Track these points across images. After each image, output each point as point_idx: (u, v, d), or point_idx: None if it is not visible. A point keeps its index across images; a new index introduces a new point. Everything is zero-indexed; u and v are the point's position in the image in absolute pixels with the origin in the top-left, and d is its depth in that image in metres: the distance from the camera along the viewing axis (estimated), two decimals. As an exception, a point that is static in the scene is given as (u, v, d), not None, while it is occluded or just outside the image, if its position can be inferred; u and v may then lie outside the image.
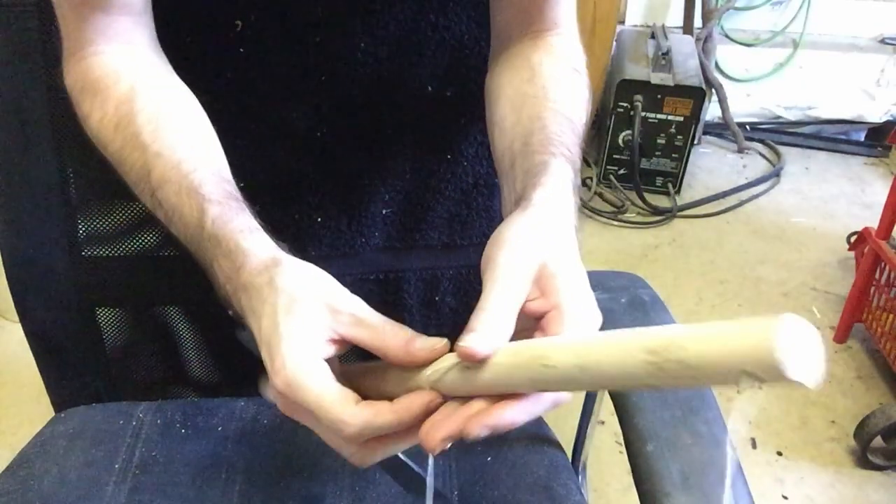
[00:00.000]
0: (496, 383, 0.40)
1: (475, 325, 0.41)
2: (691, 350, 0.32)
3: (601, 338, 0.37)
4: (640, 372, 0.34)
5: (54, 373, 0.76)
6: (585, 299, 0.44)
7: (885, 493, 1.35)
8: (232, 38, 0.61)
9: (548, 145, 0.51)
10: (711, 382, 0.33)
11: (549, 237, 0.45)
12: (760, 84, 2.50)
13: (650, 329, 0.35)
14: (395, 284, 0.75)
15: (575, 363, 0.37)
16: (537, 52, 0.58)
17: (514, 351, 0.40)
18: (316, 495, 0.66)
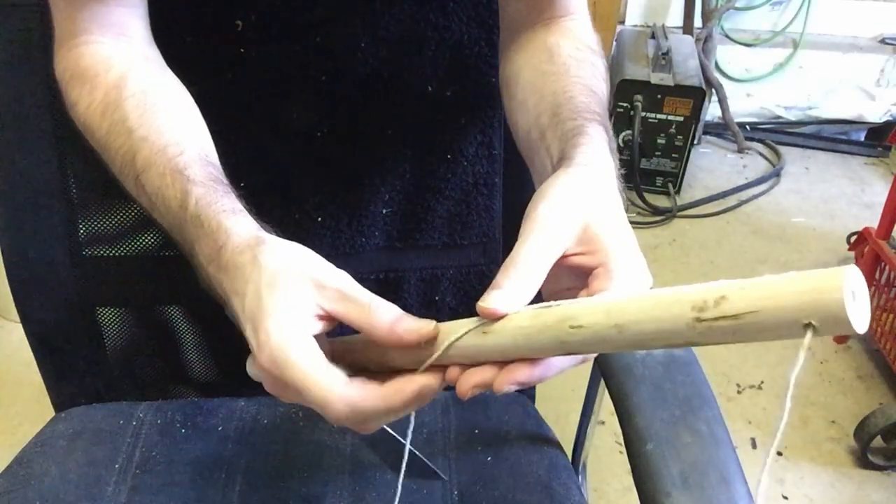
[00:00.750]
0: (517, 347, 0.39)
1: (502, 282, 0.40)
2: (745, 303, 0.31)
3: (638, 297, 0.36)
4: (685, 329, 0.33)
5: (54, 373, 0.76)
6: (634, 259, 0.42)
7: (885, 493, 1.35)
8: (232, 38, 0.61)
9: (581, 112, 0.51)
10: (764, 338, 0.32)
11: (593, 195, 0.44)
12: (760, 84, 2.50)
13: (690, 287, 0.34)
14: (395, 284, 0.75)
15: (611, 323, 0.36)
16: (553, 34, 0.58)
17: (535, 314, 0.39)
18: (316, 495, 0.66)
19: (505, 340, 0.40)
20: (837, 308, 0.29)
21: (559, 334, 0.38)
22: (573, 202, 0.43)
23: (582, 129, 0.49)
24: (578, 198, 0.43)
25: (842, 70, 2.45)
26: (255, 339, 0.41)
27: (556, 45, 0.57)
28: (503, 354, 0.40)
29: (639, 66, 2.13)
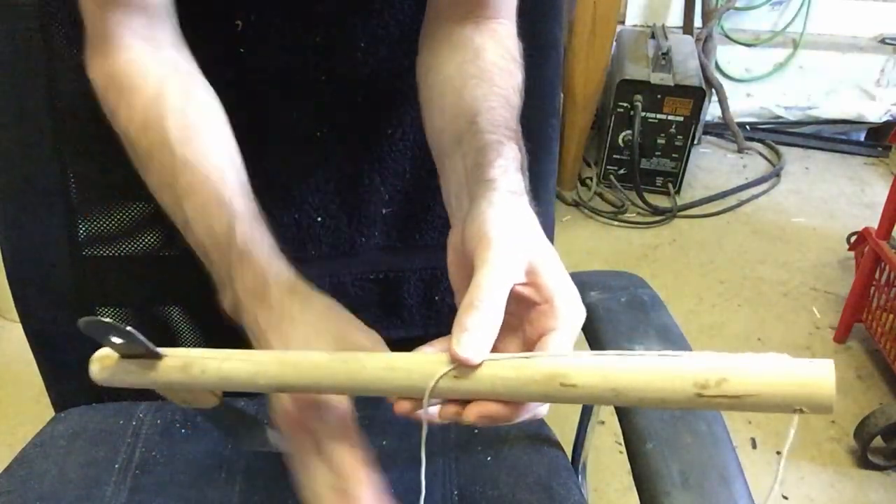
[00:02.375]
0: (496, 395, 0.40)
1: (468, 323, 0.40)
2: (745, 387, 0.35)
3: (637, 363, 0.37)
4: (685, 401, 0.36)
5: (54, 373, 0.76)
6: (574, 296, 0.44)
7: (885, 493, 1.35)
8: (232, 38, 0.62)
9: (499, 127, 0.51)
10: (755, 411, 0.36)
11: (530, 226, 0.45)
12: (760, 84, 2.50)
13: (691, 358, 0.36)
14: (395, 284, 0.75)
15: (608, 387, 0.37)
16: (480, 35, 0.58)
17: (516, 365, 0.39)
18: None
19: (482, 388, 0.40)
20: (828, 401, 0.34)
21: (548, 390, 0.38)
22: (519, 233, 0.44)
23: (499, 148, 0.49)
24: (521, 229, 0.44)
25: (842, 70, 2.45)
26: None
27: (483, 47, 0.57)
28: (477, 397, 0.41)
29: (639, 66, 2.13)
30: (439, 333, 0.75)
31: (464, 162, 0.51)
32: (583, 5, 1.95)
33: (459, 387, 0.40)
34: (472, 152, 0.50)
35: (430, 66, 0.59)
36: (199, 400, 0.50)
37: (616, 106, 2.11)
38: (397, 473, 0.68)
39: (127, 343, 0.44)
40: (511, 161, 0.49)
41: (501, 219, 0.44)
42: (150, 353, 0.45)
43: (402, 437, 0.72)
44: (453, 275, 0.49)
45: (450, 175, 0.53)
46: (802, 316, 1.78)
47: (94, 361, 0.47)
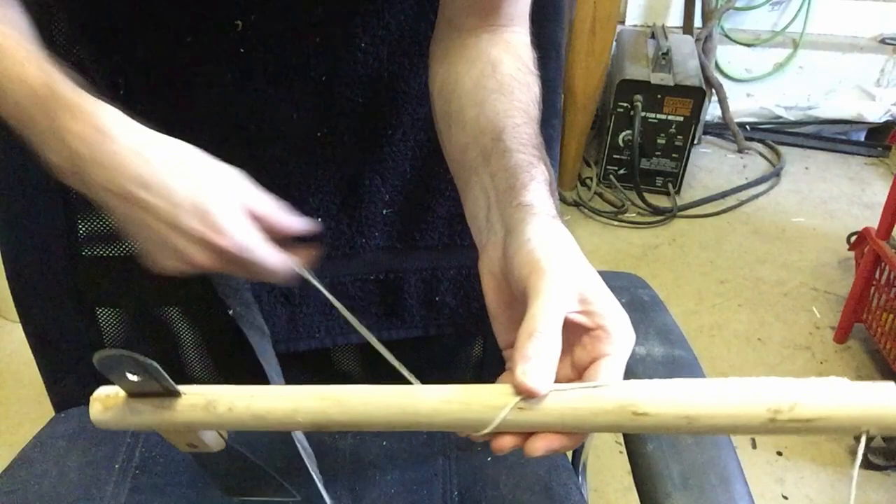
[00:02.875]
0: (564, 426, 0.40)
1: (531, 353, 0.39)
2: (817, 411, 0.36)
3: (707, 389, 0.38)
4: (757, 426, 0.37)
5: (54, 373, 0.76)
6: (626, 321, 0.43)
7: (885, 493, 1.35)
8: (232, 38, 0.61)
9: (527, 146, 0.51)
10: (820, 434, 0.38)
11: (577, 253, 0.45)
12: (760, 84, 2.50)
13: (763, 386, 0.38)
14: (396, 284, 0.75)
15: (682, 414, 0.38)
16: (495, 47, 0.57)
17: (584, 397, 0.39)
18: (316, 495, 0.66)
19: (550, 419, 0.39)
20: (894, 423, 0.36)
21: (620, 420, 0.39)
22: (568, 260, 0.43)
23: (531, 170, 0.49)
24: (569, 255, 0.44)
25: (842, 70, 2.45)
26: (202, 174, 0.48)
27: (499, 60, 0.56)
28: (543, 429, 0.40)
29: (639, 66, 2.13)
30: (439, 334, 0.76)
31: (493, 182, 0.50)
32: (583, 5, 1.95)
33: (526, 419, 0.39)
34: (501, 172, 0.49)
35: (445, 79, 0.58)
36: (205, 443, 0.46)
37: (616, 106, 2.11)
38: (397, 473, 0.68)
39: (143, 380, 0.40)
40: (543, 184, 0.49)
41: (550, 246, 0.44)
42: (167, 390, 0.41)
43: (402, 437, 0.72)
44: (492, 302, 0.48)
45: (477, 194, 0.52)
46: (802, 316, 1.78)
47: (96, 401, 0.43)
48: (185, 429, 0.44)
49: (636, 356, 0.61)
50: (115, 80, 0.62)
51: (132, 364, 0.39)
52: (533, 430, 0.40)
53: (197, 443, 0.46)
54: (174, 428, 0.43)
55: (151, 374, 0.40)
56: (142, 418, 0.42)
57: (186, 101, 0.64)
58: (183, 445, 0.46)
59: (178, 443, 0.46)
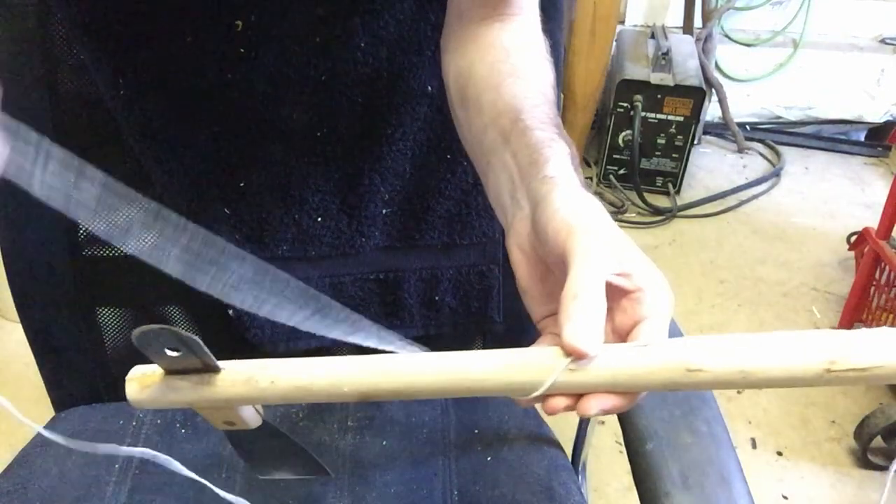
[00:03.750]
0: (616, 385, 0.39)
1: (576, 314, 0.38)
2: (873, 362, 0.36)
3: (762, 341, 0.38)
4: (813, 377, 0.37)
5: (54, 373, 0.76)
6: (665, 284, 0.43)
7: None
8: (232, 38, 0.61)
9: (547, 124, 0.51)
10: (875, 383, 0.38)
11: (610, 219, 0.44)
12: (760, 84, 2.50)
13: (815, 337, 0.37)
14: (395, 284, 0.75)
15: (735, 369, 0.37)
16: (507, 34, 0.57)
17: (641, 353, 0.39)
18: (316, 495, 0.66)
19: (602, 379, 0.39)
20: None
21: (674, 376, 0.38)
22: (603, 223, 0.43)
23: (552, 144, 0.49)
24: (604, 219, 0.43)
25: (842, 70, 2.45)
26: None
27: (512, 46, 0.56)
28: (595, 390, 0.40)
29: (639, 66, 2.13)
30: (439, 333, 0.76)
31: (515, 160, 0.50)
32: (583, 5, 1.95)
33: (577, 380, 0.39)
34: (523, 149, 0.49)
35: (459, 68, 0.58)
36: (244, 420, 0.45)
37: (616, 106, 2.11)
38: (397, 473, 0.68)
39: (182, 356, 0.39)
40: (567, 157, 0.48)
41: (582, 210, 0.43)
42: (207, 366, 0.40)
43: (402, 437, 0.72)
44: (523, 277, 0.48)
45: (500, 174, 0.51)
46: (802, 316, 1.78)
47: (132, 381, 0.42)
48: (226, 405, 0.42)
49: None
50: (115, 80, 0.63)
51: (172, 339, 0.38)
52: (584, 392, 0.40)
53: (235, 420, 0.45)
54: (214, 405, 0.42)
55: (192, 350, 0.39)
56: (181, 395, 0.41)
57: (186, 100, 0.64)
58: (220, 423, 0.45)
59: (215, 420, 0.45)
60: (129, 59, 0.62)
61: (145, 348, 0.39)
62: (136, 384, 0.42)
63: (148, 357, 0.40)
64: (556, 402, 0.40)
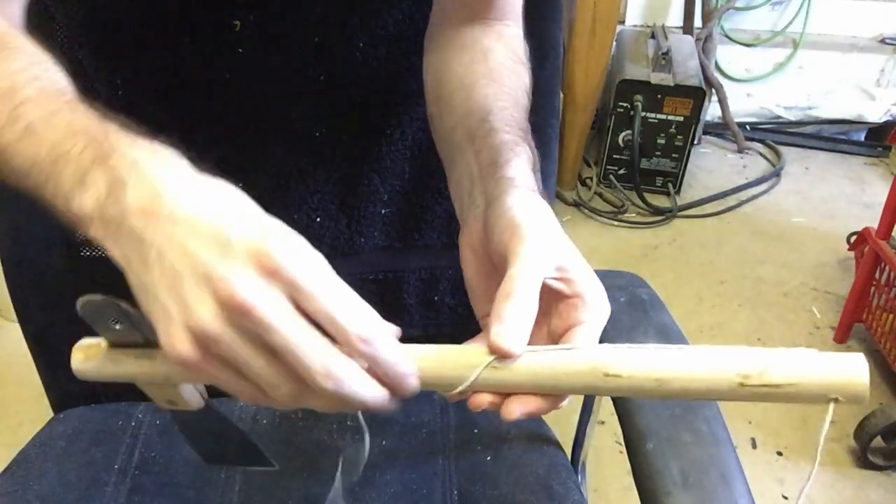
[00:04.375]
0: (536, 386, 0.40)
1: (506, 314, 0.40)
2: (786, 377, 0.37)
3: (679, 354, 0.39)
4: (726, 390, 0.38)
5: (53, 373, 0.76)
6: (602, 292, 0.44)
7: (885, 493, 1.35)
8: (231, 38, 0.61)
9: (513, 127, 0.51)
10: (792, 402, 0.38)
11: (556, 224, 0.45)
12: (760, 84, 2.50)
13: (733, 353, 0.38)
14: (395, 284, 0.75)
15: (653, 377, 0.39)
16: (488, 36, 0.58)
17: (562, 356, 0.40)
18: (316, 495, 0.66)
19: (523, 380, 0.40)
20: (862, 392, 0.37)
21: (592, 381, 0.39)
22: (549, 228, 0.44)
23: (514, 148, 0.50)
24: (550, 225, 0.45)
25: (842, 70, 2.45)
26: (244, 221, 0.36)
27: (491, 48, 0.57)
28: (517, 390, 0.41)
29: (639, 66, 2.13)
30: (439, 334, 0.76)
31: (477, 159, 0.51)
32: (583, 5, 1.95)
33: (499, 378, 0.40)
34: (486, 149, 0.50)
35: (437, 66, 0.59)
36: (185, 400, 0.46)
37: (616, 106, 2.11)
38: (397, 473, 0.68)
39: (126, 329, 0.40)
40: (526, 161, 0.49)
41: (530, 214, 0.44)
42: (149, 341, 0.40)
43: (402, 437, 0.72)
44: (470, 274, 0.49)
45: (462, 172, 0.52)
46: (802, 316, 1.78)
47: (77, 351, 0.43)
48: (164, 381, 0.43)
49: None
50: (114, 81, 0.63)
51: (115, 312, 0.39)
52: (508, 391, 0.41)
53: (176, 399, 0.45)
54: (154, 380, 0.43)
55: (134, 324, 0.39)
56: (122, 368, 0.42)
57: (185, 101, 0.64)
58: (163, 402, 0.46)
59: (158, 399, 0.46)
60: (128, 60, 0.62)
61: (89, 319, 0.39)
62: (80, 354, 0.43)
63: (94, 329, 0.40)
64: (481, 399, 0.41)
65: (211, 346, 0.35)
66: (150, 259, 0.36)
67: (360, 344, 0.36)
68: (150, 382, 0.44)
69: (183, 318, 0.35)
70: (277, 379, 0.36)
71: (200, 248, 0.35)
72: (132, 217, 0.36)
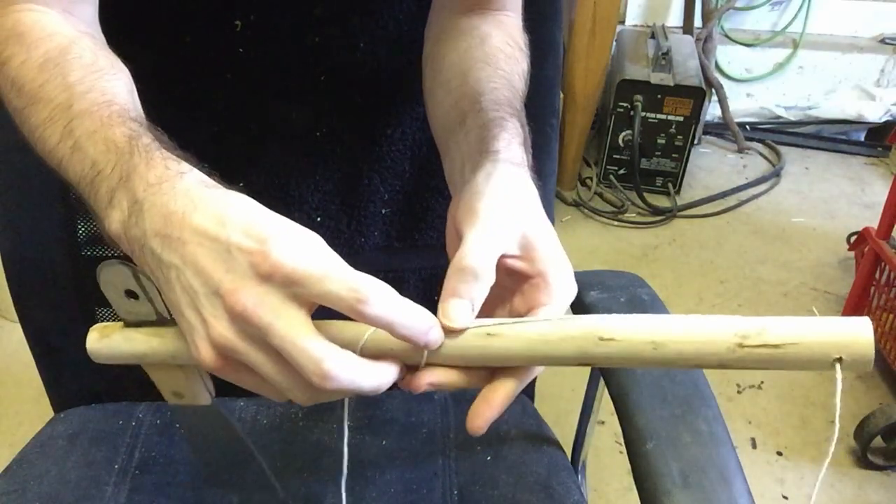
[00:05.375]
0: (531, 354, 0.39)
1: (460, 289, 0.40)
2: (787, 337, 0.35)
3: (676, 317, 0.38)
4: (726, 353, 0.36)
5: (53, 373, 0.76)
6: (568, 272, 0.43)
7: (885, 493, 1.35)
8: (232, 38, 0.62)
9: (503, 105, 0.52)
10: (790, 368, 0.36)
11: (526, 197, 0.45)
12: (760, 84, 2.50)
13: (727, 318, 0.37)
14: (395, 284, 0.74)
15: (650, 340, 0.37)
16: (486, 24, 0.58)
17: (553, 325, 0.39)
18: (316, 495, 0.66)
19: (517, 346, 0.39)
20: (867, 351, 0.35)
21: (585, 346, 0.38)
22: (512, 203, 0.44)
23: (503, 123, 0.50)
24: (515, 198, 0.44)
25: (842, 70, 2.45)
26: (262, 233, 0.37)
27: (488, 34, 0.57)
28: (507, 360, 0.40)
29: (639, 66, 2.13)
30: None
31: (467, 138, 0.51)
32: (583, 5, 1.95)
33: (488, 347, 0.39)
34: (475, 129, 0.50)
35: (435, 54, 0.59)
36: (192, 394, 0.46)
37: (616, 106, 2.11)
38: (397, 473, 0.68)
39: (140, 302, 0.41)
40: (514, 136, 0.49)
41: (495, 190, 0.44)
42: (161, 317, 0.42)
43: (402, 437, 0.72)
44: (449, 247, 0.49)
45: (454, 154, 0.53)
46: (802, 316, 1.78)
47: (93, 331, 0.44)
48: (173, 360, 0.43)
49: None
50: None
51: (132, 279, 0.40)
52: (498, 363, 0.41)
53: (183, 390, 0.46)
54: (163, 358, 0.43)
55: (149, 296, 0.40)
56: (134, 346, 0.43)
57: (186, 100, 0.64)
58: (169, 394, 0.46)
59: (165, 389, 0.46)
60: (127, 60, 0.62)
61: (105, 284, 0.40)
62: (96, 333, 0.44)
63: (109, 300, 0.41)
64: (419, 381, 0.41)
65: (230, 355, 0.38)
66: (171, 279, 0.38)
67: (361, 307, 0.36)
68: (160, 364, 0.44)
69: (204, 331, 0.37)
70: (288, 382, 0.38)
71: (209, 265, 0.37)
72: (151, 240, 0.38)
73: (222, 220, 0.37)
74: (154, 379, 0.46)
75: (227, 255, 0.36)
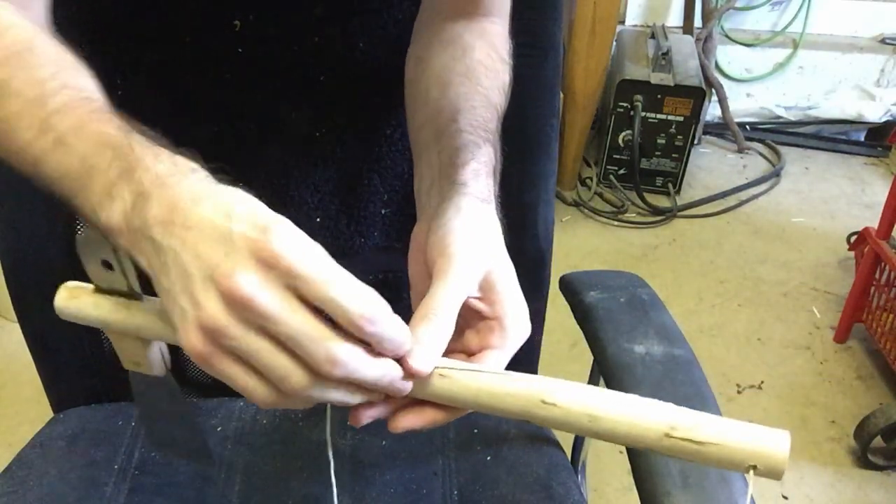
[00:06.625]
0: (478, 402, 0.41)
1: (424, 337, 0.41)
2: (711, 438, 0.38)
3: (616, 397, 0.40)
4: (653, 440, 0.39)
5: (53, 374, 0.76)
6: (523, 315, 0.45)
7: (885, 493, 1.35)
8: (231, 38, 0.61)
9: (478, 129, 0.52)
10: (708, 465, 0.40)
11: (493, 238, 0.46)
12: (760, 84, 2.50)
13: (665, 406, 0.40)
14: (395, 284, 0.75)
15: (587, 412, 0.40)
16: (470, 33, 0.58)
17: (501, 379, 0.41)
18: (316, 495, 0.66)
19: (464, 392, 0.41)
20: (780, 465, 0.37)
21: (528, 406, 0.40)
22: (479, 243, 0.45)
23: (475, 151, 0.50)
24: (482, 238, 0.45)
25: (842, 70, 2.45)
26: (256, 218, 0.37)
27: (471, 45, 0.57)
28: (451, 402, 0.42)
29: (639, 66, 2.13)
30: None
31: (439, 158, 0.51)
32: (583, 5, 1.95)
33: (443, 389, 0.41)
34: (447, 150, 0.51)
35: (419, 58, 0.60)
36: (149, 363, 0.46)
37: (616, 106, 2.11)
38: (397, 473, 0.68)
39: (115, 274, 0.41)
40: (484, 165, 0.50)
41: (465, 231, 0.45)
42: (131, 290, 0.42)
43: (401, 438, 0.72)
44: (412, 268, 0.50)
45: (424, 170, 0.53)
46: (802, 316, 1.78)
47: (63, 289, 0.44)
48: (135, 333, 0.44)
49: (636, 355, 0.61)
50: (113, 80, 0.62)
51: (109, 253, 0.40)
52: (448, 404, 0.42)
53: (142, 360, 0.46)
54: (126, 330, 0.44)
55: (123, 270, 0.41)
56: (100, 313, 0.43)
57: (185, 100, 0.64)
58: (128, 362, 0.47)
59: (125, 357, 0.47)
60: (127, 59, 0.62)
61: (83, 252, 0.41)
62: (65, 292, 0.44)
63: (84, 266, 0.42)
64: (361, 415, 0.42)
65: (220, 340, 0.36)
66: (168, 263, 0.37)
67: (364, 323, 0.37)
68: (122, 333, 0.45)
69: (194, 314, 0.36)
70: (285, 369, 0.37)
71: (207, 249, 0.36)
72: (154, 228, 0.38)
73: (228, 213, 0.37)
74: (115, 346, 0.47)
75: (229, 240, 0.36)
